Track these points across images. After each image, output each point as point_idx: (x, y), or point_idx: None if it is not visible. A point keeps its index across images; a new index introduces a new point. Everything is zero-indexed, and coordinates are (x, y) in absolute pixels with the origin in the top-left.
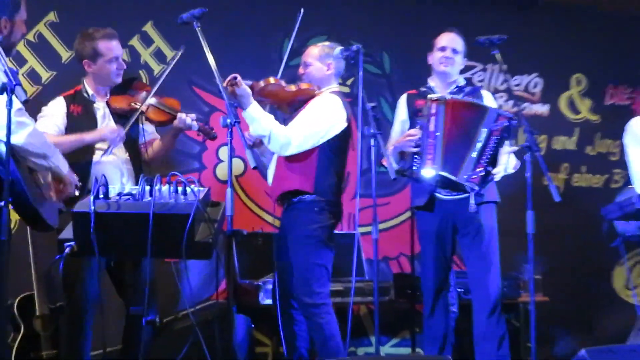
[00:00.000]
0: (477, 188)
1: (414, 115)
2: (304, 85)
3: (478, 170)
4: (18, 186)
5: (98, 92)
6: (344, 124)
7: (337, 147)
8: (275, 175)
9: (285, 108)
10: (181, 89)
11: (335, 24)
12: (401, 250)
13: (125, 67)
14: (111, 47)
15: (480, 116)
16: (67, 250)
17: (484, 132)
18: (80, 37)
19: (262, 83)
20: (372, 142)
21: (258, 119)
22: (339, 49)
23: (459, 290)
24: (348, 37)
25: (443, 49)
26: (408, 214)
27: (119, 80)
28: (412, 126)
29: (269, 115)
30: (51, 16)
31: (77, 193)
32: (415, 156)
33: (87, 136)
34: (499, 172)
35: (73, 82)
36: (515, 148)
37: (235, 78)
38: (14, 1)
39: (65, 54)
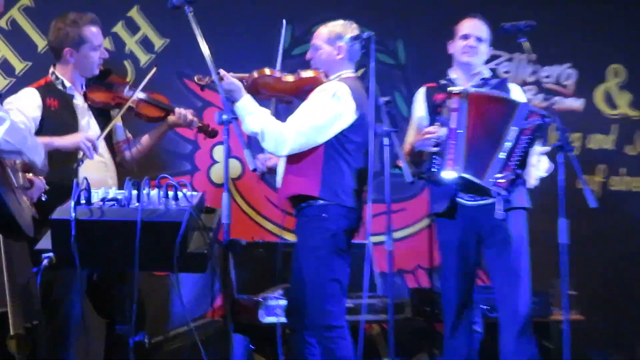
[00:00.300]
0: (504, 193)
1: (433, 111)
2: (305, 74)
3: (506, 173)
4: None
5: (74, 84)
6: (353, 116)
7: (349, 142)
8: (282, 179)
9: (291, 101)
10: (170, 82)
11: (345, 8)
12: (418, 263)
13: (107, 55)
14: (96, 34)
15: (509, 112)
16: (44, 262)
17: (513, 131)
18: (61, 22)
19: (255, 74)
20: (385, 140)
21: (249, 114)
22: (348, 35)
23: (484, 307)
24: (359, 23)
25: (466, 37)
26: (426, 221)
27: (98, 71)
28: (431, 123)
29: (263, 110)
30: (26, 0)
31: (43, 198)
32: (435, 156)
33: (57, 141)
34: (531, 177)
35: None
36: (547, 149)
37: (218, 74)
38: None
39: (41, 43)
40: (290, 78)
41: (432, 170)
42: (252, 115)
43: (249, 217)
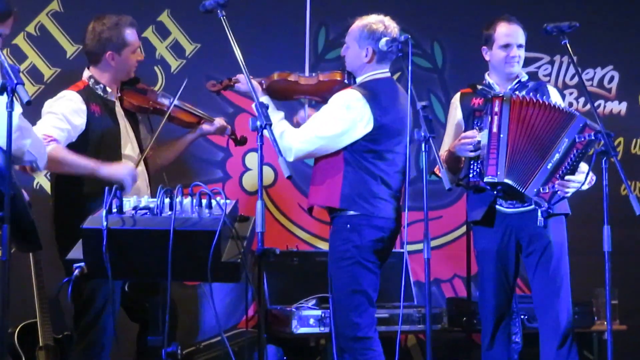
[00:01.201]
0: (545, 205)
1: (470, 116)
2: (324, 76)
3: (550, 185)
4: (20, 201)
5: (112, 89)
6: (368, 125)
7: (368, 151)
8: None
9: (322, 102)
10: (201, 88)
11: (380, 9)
12: (455, 272)
13: (143, 58)
14: (136, 36)
15: (563, 123)
16: (76, 272)
17: (565, 142)
18: (100, 25)
19: (275, 76)
20: (423, 146)
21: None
22: (384, 39)
23: (523, 317)
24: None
25: (507, 46)
26: (463, 229)
27: (133, 75)
28: (467, 129)
29: (277, 112)
30: (54, 5)
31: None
32: (473, 162)
33: (104, 170)
34: (571, 188)
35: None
36: (590, 178)
37: (229, 79)
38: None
39: (70, 48)
40: (308, 81)
41: (470, 176)
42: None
43: (282, 226)
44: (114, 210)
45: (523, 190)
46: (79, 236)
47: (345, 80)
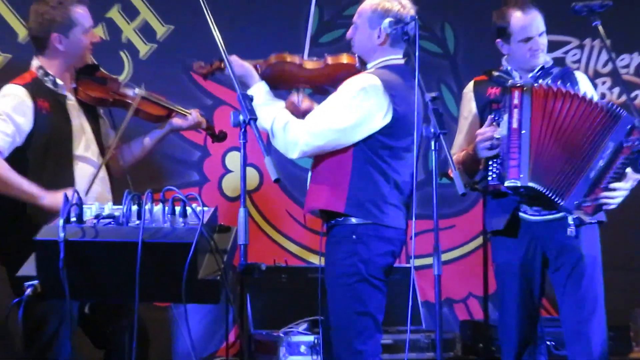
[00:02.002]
0: (588, 219)
1: (486, 108)
2: (334, 60)
3: (594, 196)
4: None
5: (64, 80)
6: (387, 117)
7: (383, 147)
8: (307, 189)
9: (327, 91)
10: (175, 76)
11: None
12: (470, 290)
13: (99, 39)
14: (85, 14)
15: (605, 122)
16: (28, 291)
17: (610, 147)
18: (43, 5)
19: (272, 59)
20: (432, 144)
21: (261, 106)
22: (387, 20)
23: (550, 343)
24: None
25: (529, 39)
26: (480, 240)
27: (90, 59)
28: (484, 123)
29: (278, 102)
30: None
31: None
32: (493, 162)
33: (46, 199)
34: (618, 198)
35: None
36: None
37: (221, 60)
38: None
39: (23, 31)
40: (315, 65)
41: (489, 179)
42: (263, 106)
43: (268, 237)
44: (73, 219)
45: (561, 202)
46: (31, 249)
47: (357, 65)
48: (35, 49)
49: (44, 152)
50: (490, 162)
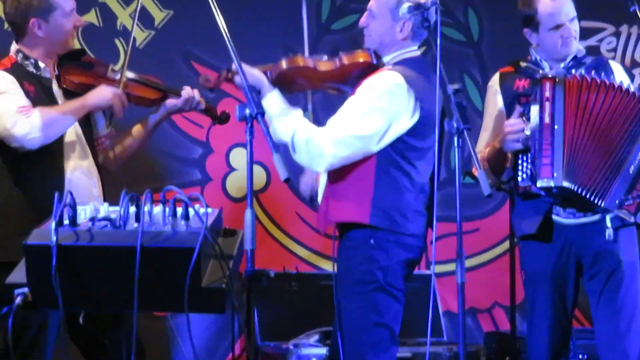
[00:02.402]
0: (631, 219)
1: (514, 102)
2: (349, 58)
3: (636, 192)
4: None
5: (48, 65)
6: (414, 116)
7: (411, 149)
8: (323, 197)
9: (344, 91)
10: (174, 65)
11: None
12: (496, 299)
13: (84, 23)
14: None
15: None
16: (17, 299)
17: None
18: None
19: (283, 64)
20: (455, 141)
21: (277, 117)
22: (406, 5)
23: (582, 357)
24: None
25: (559, 27)
26: (506, 245)
27: (73, 45)
28: (509, 116)
29: (295, 110)
30: None
31: None
32: (523, 160)
33: (90, 100)
34: None
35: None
36: None
37: (229, 70)
38: None
39: None
40: (329, 66)
41: (520, 179)
42: (281, 117)
43: (276, 241)
44: (66, 221)
45: (600, 203)
46: (21, 255)
47: (374, 61)
48: (15, 35)
49: None
50: (519, 160)
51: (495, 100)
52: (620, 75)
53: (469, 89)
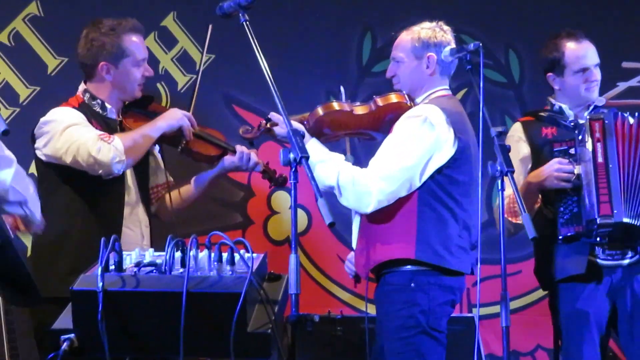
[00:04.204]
0: None
1: (543, 147)
2: (384, 101)
3: None
4: (10, 250)
5: (115, 107)
6: (453, 147)
7: (453, 183)
8: (359, 238)
9: (375, 138)
10: (216, 109)
11: (440, 10)
12: (539, 342)
13: (152, 73)
14: (139, 45)
15: None
16: (64, 345)
17: None
18: (94, 30)
19: (319, 111)
20: (499, 184)
21: (320, 163)
22: (448, 48)
23: None
24: (460, 30)
25: (585, 70)
26: None
27: (140, 93)
28: (540, 164)
29: (336, 155)
30: (32, 7)
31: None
32: (566, 201)
33: (161, 122)
34: None
35: (63, 102)
36: None
37: (268, 120)
38: None
39: (52, 62)
40: (364, 109)
41: (562, 220)
42: (324, 163)
43: (318, 284)
44: (112, 267)
45: None
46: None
47: (408, 102)
48: (84, 75)
49: (97, 180)
50: (563, 202)
51: (520, 148)
52: None
53: None
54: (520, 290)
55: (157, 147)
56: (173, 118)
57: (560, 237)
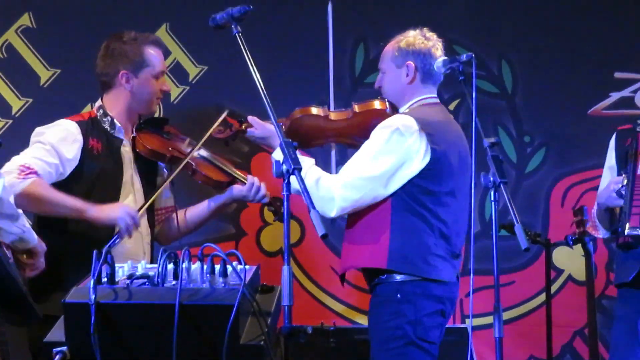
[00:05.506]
0: None
1: (623, 158)
2: (362, 107)
3: None
4: (3, 269)
5: (125, 126)
6: (425, 158)
7: (425, 193)
8: (342, 243)
9: (358, 145)
10: (210, 120)
11: (434, 21)
12: (532, 352)
13: (169, 89)
14: (159, 58)
15: None
16: (56, 358)
17: None
18: (115, 40)
19: (297, 114)
20: (491, 194)
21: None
22: (441, 59)
23: None
24: (452, 40)
25: None
26: (542, 297)
27: (156, 108)
28: (619, 173)
29: (307, 159)
30: (25, 19)
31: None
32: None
33: (92, 212)
34: None
35: (55, 114)
36: None
37: (242, 122)
38: None
39: (45, 74)
40: (341, 115)
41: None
42: None
43: (311, 296)
44: (104, 279)
45: None
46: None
47: (388, 110)
48: (101, 89)
49: (86, 195)
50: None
51: (609, 157)
52: None
53: (504, 141)
54: (513, 300)
55: (164, 170)
56: (111, 214)
57: (617, 245)
